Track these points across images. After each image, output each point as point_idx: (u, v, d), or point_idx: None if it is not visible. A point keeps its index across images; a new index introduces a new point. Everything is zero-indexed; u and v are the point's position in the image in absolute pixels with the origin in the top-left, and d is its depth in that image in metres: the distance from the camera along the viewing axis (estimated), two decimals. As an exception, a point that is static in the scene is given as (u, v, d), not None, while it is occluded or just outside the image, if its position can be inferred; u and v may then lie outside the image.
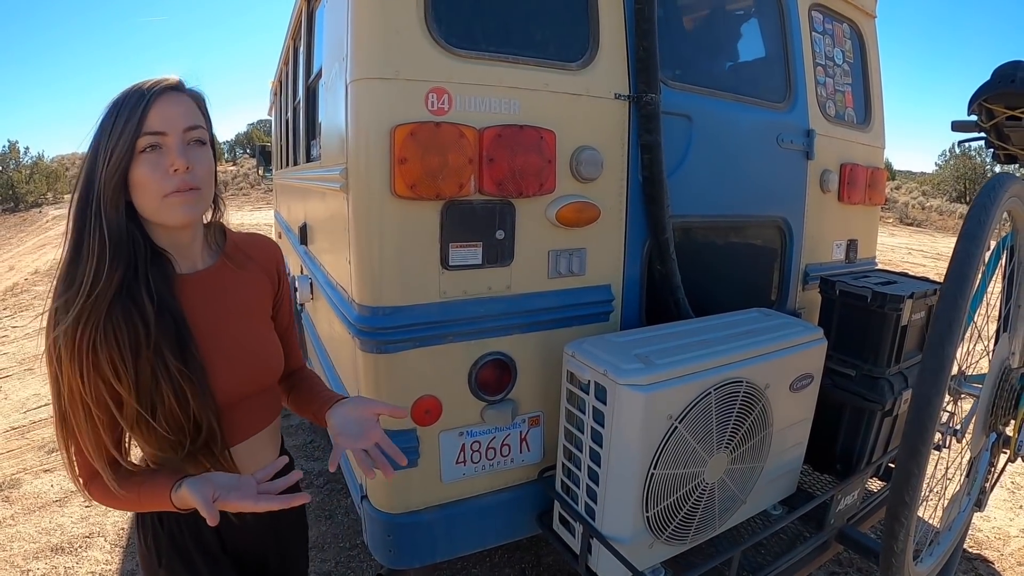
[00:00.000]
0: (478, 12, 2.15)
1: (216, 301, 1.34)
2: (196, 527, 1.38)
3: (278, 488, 1.18)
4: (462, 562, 3.14)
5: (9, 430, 5.12)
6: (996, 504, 3.88)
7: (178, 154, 1.18)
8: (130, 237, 1.20)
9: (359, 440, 1.33)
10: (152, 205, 1.19)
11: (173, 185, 1.18)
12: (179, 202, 1.19)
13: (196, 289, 1.31)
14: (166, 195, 1.18)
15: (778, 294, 3.09)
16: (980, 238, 1.72)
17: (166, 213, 1.20)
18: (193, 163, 1.20)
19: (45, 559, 3.33)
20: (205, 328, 1.28)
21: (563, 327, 2.29)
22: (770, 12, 2.97)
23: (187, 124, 1.20)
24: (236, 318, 1.37)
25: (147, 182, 1.17)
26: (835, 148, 3.19)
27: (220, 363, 1.29)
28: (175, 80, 1.23)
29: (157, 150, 1.18)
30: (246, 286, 1.41)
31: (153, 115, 1.16)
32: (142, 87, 1.18)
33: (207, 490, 1.12)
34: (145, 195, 1.19)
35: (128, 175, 1.17)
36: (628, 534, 1.94)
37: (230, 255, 1.41)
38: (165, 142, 1.18)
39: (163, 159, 1.17)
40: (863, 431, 2.59)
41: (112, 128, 1.15)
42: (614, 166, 2.32)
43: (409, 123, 1.90)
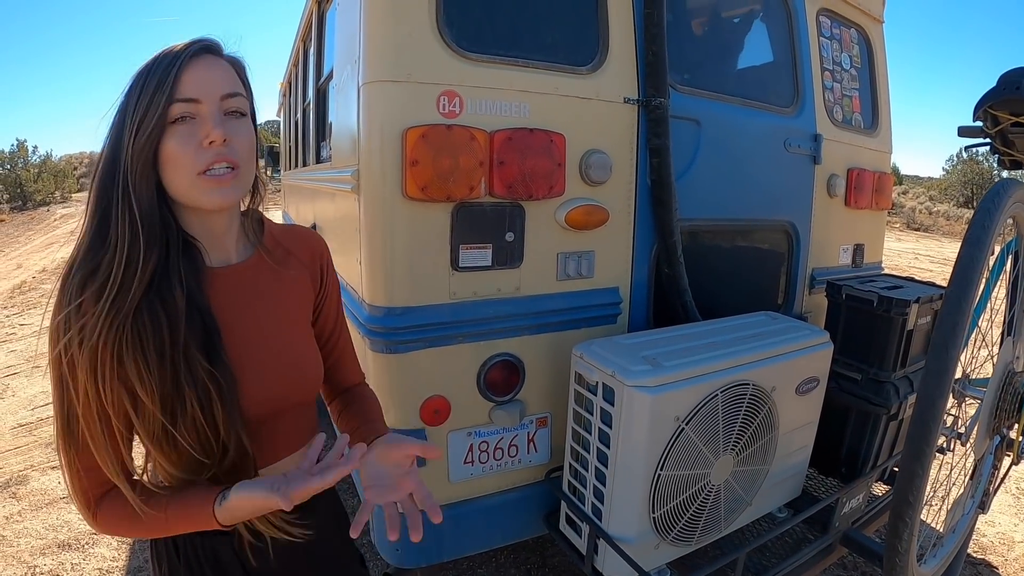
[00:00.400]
0: (489, 16, 2.16)
1: (248, 300, 1.16)
2: (215, 555, 1.19)
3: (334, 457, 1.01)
4: (468, 562, 3.15)
5: (17, 427, 5.14)
6: (1001, 510, 3.88)
7: (214, 124, 1.01)
8: (162, 221, 1.04)
9: (390, 493, 1.15)
10: (184, 184, 1.03)
11: (208, 160, 1.01)
12: (215, 184, 1.03)
13: (227, 285, 1.14)
14: (200, 172, 1.02)
15: (784, 298, 3.10)
16: (984, 243, 1.74)
17: (199, 194, 1.04)
18: (231, 135, 1.04)
19: (52, 555, 3.34)
20: (235, 330, 1.11)
21: (571, 329, 2.30)
22: (778, 17, 2.98)
23: (225, 91, 1.04)
24: (270, 321, 1.19)
25: (178, 156, 1.01)
26: (842, 153, 3.20)
27: (250, 372, 1.11)
28: (211, 41, 1.07)
29: (190, 121, 1.01)
30: (284, 285, 1.22)
31: (186, 80, 1.00)
32: (173, 49, 1.02)
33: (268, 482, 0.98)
34: (176, 172, 1.02)
35: (158, 149, 1.01)
36: (634, 535, 1.95)
37: (268, 249, 1.23)
38: (199, 111, 1.02)
39: (197, 130, 1.01)
40: (868, 435, 2.60)
41: (140, 95, 0.99)
42: (623, 169, 2.33)
43: (421, 125, 1.92)
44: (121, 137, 1.01)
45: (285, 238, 1.28)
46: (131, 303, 0.98)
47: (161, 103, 0.99)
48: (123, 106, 1.02)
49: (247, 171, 1.09)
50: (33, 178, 27.02)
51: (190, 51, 1.02)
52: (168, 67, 1.00)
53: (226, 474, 1.07)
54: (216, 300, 1.10)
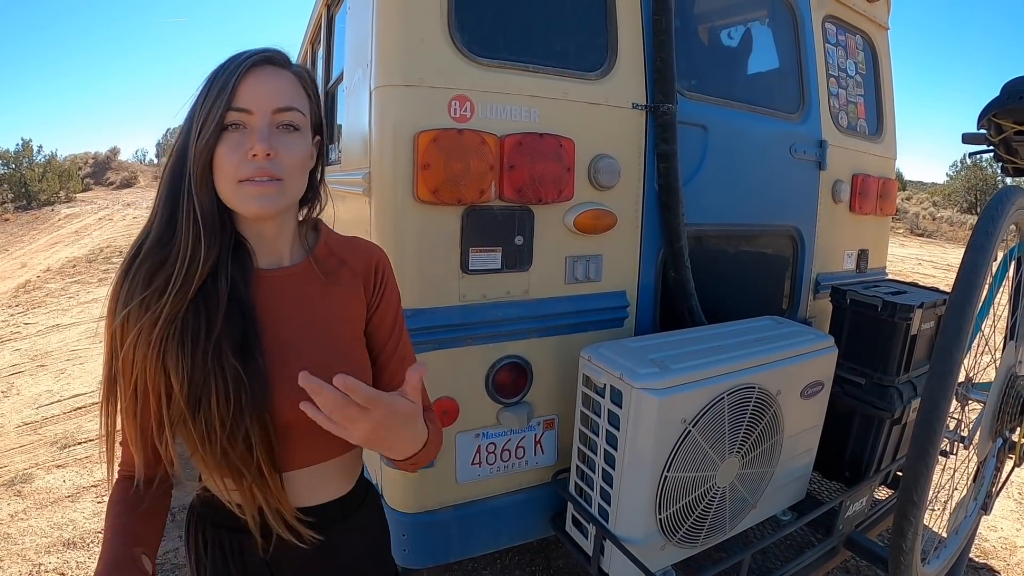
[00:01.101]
0: (500, 21, 2.18)
1: (292, 305, 1.17)
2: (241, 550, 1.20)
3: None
4: (473, 563, 3.17)
5: (21, 425, 5.16)
6: (1003, 514, 3.89)
7: (259, 138, 1.03)
8: (220, 222, 1.08)
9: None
10: (227, 190, 1.06)
11: (249, 171, 1.04)
12: (254, 192, 1.05)
13: (273, 288, 1.16)
14: (240, 181, 1.04)
15: (789, 302, 3.12)
16: (987, 249, 1.76)
17: (239, 201, 1.06)
18: (277, 150, 1.05)
19: (57, 553, 3.36)
20: (275, 333, 1.13)
21: (579, 332, 2.32)
22: (784, 24, 3.00)
23: (278, 104, 1.06)
24: (311, 328, 1.18)
25: (225, 163, 1.04)
26: (847, 159, 3.22)
27: (283, 375, 1.10)
28: (274, 52, 1.10)
29: (240, 129, 1.05)
30: (330, 294, 1.22)
31: (242, 89, 1.04)
32: (239, 57, 1.06)
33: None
34: (221, 178, 1.05)
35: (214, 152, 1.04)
36: (641, 536, 1.96)
37: (319, 258, 1.23)
38: (250, 121, 1.05)
39: (245, 140, 1.04)
40: (872, 439, 2.61)
41: (204, 99, 1.04)
42: (631, 174, 2.35)
43: (432, 129, 1.94)
44: (188, 138, 1.05)
45: (340, 248, 1.28)
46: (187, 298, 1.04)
47: (220, 109, 1.02)
48: (192, 107, 1.06)
49: (292, 184, 1.11)
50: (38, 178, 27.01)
51: (250, 61, 1.06)
52: (230, 74, 1.04)
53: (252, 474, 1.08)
54: (260, 301, 1.14)
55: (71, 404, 5.57)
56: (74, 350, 7.40)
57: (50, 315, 9.47)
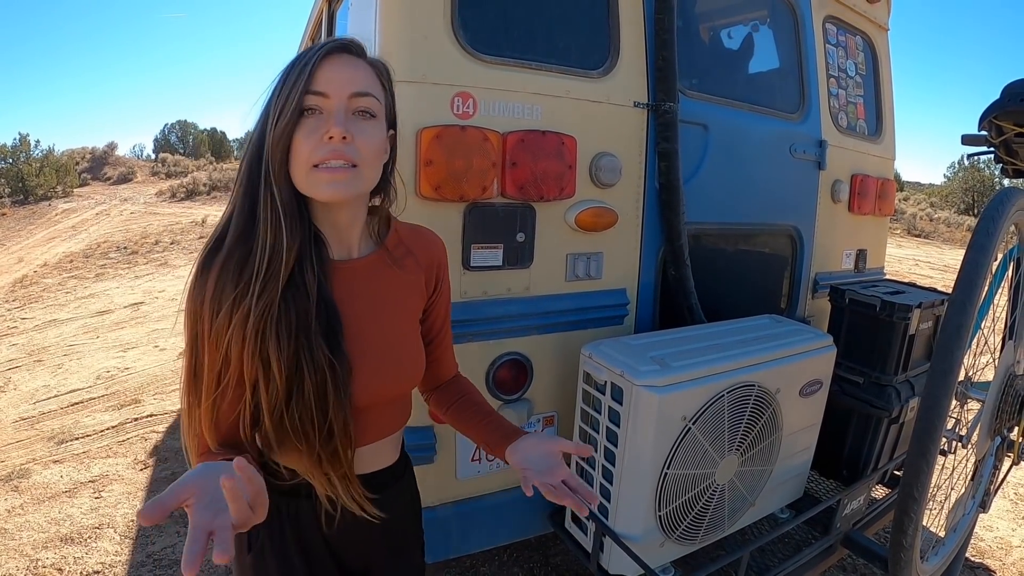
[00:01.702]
0: (503, 19, 2.19)
1: (365, 296, 1.22)
2: (296, 513, 1.26)
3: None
4: (471, 560, 3.17)
5: (18, 420, 5.15)
6: (999, 514, 3.90)
7: (335, 121, 1.04)
8: (299, 212, 1.10)
9: (546, 476, 1.22)
10: (300, 174, 1.07)
11: (324, 154, 1.05)
12: (327, 178, 1.06)
13: (347, 279, 1.19)
14: (315, 164, 1.05)
15: (788, 301, 3.13)
16: (988, 248, 1.78)
17: (313, 185, 1.07)
18: (353, 134, 1.06)
19: (54, 549, 3.35)
20: (351, 323, 1.16)
21: (579, 329, 2.33)
22: (785, 24, 3.01)
23: (355, 89, 1.07)
24: (382, 317, 1.24)
25: (301, 147, 1.05)
26: (846, 159, 3.23)
27: (360, 363, 1.16)
28: (350, 41, 1.12)
29: (316, 114, 1.06)
30: (400, 284, 1.28)
31: (319, 74, 1.05)
32: (316, 45, 1.08)
33: None
34: (297, 163, 1.06)
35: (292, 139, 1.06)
36: (640, 532, 1.97)
37: (390, 248, 1.27)
38: (326, 106, 1.06)
39: (321, 125, 1.05)
40: (870, 437, 2.63)
41: (283, 87, 1.05)
42: (632, 173, 2.36)
43: (435, 126, 1.94)
44: (265, 126, 1.06)
45: (409, 238, 1.33)
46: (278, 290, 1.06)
47: (298, 94, 1.04)
48: (269, 96, 1.08)
49: (368, 171, 1.12)
50: (35, 172, 26.90)
51: (327, 48, 1.07)
52: (307, 61, 1.05)
53: (328, 455, 1.13)
54: (337, 293, 1.17)
55: (68, 399, 5.56)
56: (71, 345, 7.39)
57: (47, 310, 9.46)
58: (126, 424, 5.01)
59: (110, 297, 10.28)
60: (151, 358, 6.80)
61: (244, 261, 1.06)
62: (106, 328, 8.19)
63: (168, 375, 6.20)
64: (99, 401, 5.52)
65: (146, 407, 5.37)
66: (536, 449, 1.27)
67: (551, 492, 1.20)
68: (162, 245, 15.52)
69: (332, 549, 1.31)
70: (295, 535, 1.26)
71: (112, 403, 5.47)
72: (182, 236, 16.68)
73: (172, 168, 34.38)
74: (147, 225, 18.58)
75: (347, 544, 1.32)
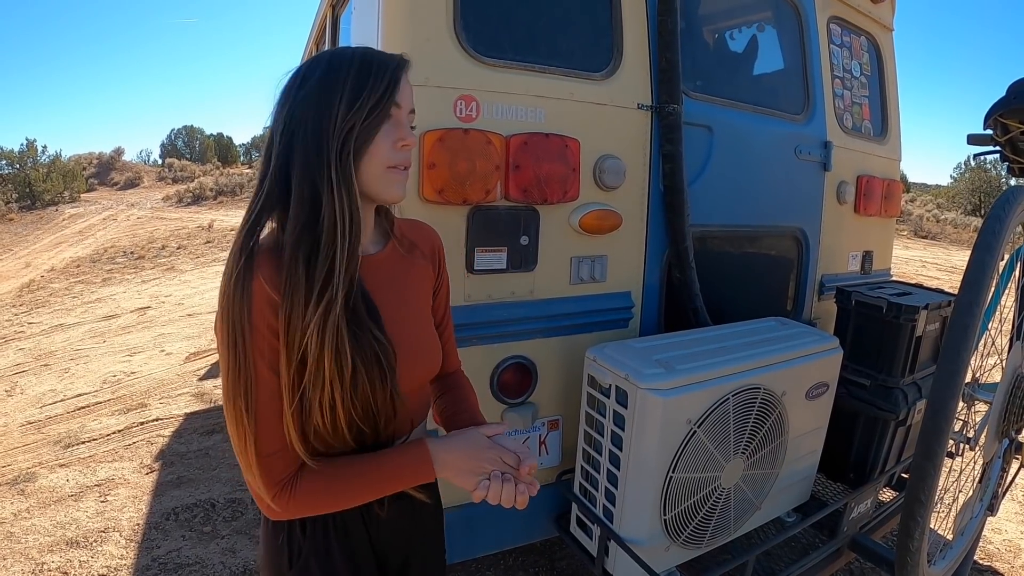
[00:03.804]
0: (506, 22, 2.19)
1: (389, 286, 1.28)
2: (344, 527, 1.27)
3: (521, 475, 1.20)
4: (476, 564, 3.17)
5: (25, 424, 5.17)
6: (1008, 517, 3.88)
7: (409, 132, 1.16)
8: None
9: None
10: (375, 174, 1.14)
11: (400, 159, 1.15)
12: (400, 178, 1.17)
13: (371, 271, 1.24)
14: (390, 166, 1.14)
15: (794, 304, 3.12)
16: (994, 248, 1.76)
17: (384, 185, 1.16)
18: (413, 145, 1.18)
19: (60, 552, 3.36)
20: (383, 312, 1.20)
21: (584, 332, 2.32)
22: (789, 25, 3.00)
23: (413, 104, 1.18)
24: (404, 306, 1.30)
25: (380, 150, 1.12)
26: (852, 160, 3.22)
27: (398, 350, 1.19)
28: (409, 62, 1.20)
29: (390, 120, 1.13)
30: (412, 274, 1.35)
31: (402, 87, 1.14)
32: (392, 58, 1.15)
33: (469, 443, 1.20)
34: (372, 162, 1.12)
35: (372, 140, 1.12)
36: (645, 537, 1.96)
37: (399, 240, 1.35)
38: (399, 116, 1.15)
39: (394, 131, 1.14)
40: (876, 440, 2.61)
41: (365, 90, 1.09)
42: (636, 175, 2.36)
43: (438, 129, 1.94)
44: (326, 124, 1.08)
45: (410, 232, 1.40)
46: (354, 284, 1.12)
47: (386, 101, 1.11)
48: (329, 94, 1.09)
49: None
50: (42, 178, 27.02)
51: (405, 64, 1.16)
52: (392, 72, 1.13)
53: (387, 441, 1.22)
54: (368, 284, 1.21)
55: (74, 404, 5.58)
56: (78, 350, 7.41)
57: (54, 315, 9.49)
58: (132, 428, 5.02)
59: (117, 302, 10.32)
60: (157, 362, 6.81)
61: (309, 257, 1.07)
62: (113, 333, 8.22)
63: (174, 379, 6.21)
64: (105, 405, 5.54)
65: (152, 411, 5.38)
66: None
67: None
68: (169, 250, 15.59)
69: (376, 551, 1.33)
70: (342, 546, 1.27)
71: (118, 407, 5.48)
72: (189, 241, 16.74)
73: (179, 173, 34.56)
74: (154, 230, 18.67)
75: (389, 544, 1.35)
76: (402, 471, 1.18)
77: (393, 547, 1.37)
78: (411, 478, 1.18)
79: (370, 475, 1.16)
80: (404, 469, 1.18)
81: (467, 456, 1.18)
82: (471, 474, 1.17)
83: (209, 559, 3.25)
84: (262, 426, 1.08)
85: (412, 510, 1.36)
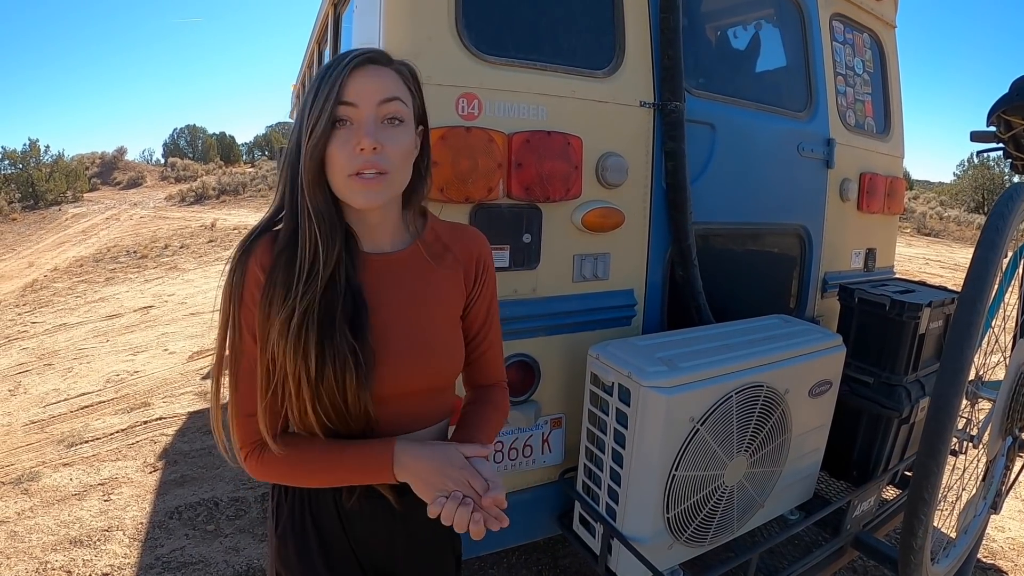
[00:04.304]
0: (507, 19, 2.19)
1: (396, 287, 1.26)
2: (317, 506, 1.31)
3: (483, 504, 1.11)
4: (479, 562, 3.17)
5: (29, 423, 5.18)
6: (1011, 515, 3.87)
7: (365, 132, 1.10)
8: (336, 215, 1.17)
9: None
10: (338, 183, 1.14)
11: (357, 165, 1.11)
12: (361, 187, 1.12)
13: (378, 270, 1.25)
14: (351, 175, 1.12)
15: (797, 301, 3.11)
16: (998, 245, 1.76)
17: (349, 194, 1.14)
18: (383, 143, 1.12)
19: (63, 551, 3.36)
20: (378, 312, 1.21)
21: (586, 330, 2.32)
22: (792, 22, 3.00)
23: (381, 97, 1.13)
24: (413, 309, 1.27)
25: (336, 158, 1.12)
26: (855, 157, 3.21)
27: (384, 352, 1.20)
28: (376, 52, 1.17)
29: (346, 125, 1.12)
30: (435, 277, 1.31)
31: (349, 85, 1.11)
32: (345, 57, 1.13)
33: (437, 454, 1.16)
34: (332, 172, 1.13)
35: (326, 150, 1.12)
36: (648, 535, 1.96)
37: (426, 242, 1.32)
38: (356, 116, 1.12)
39: (352, 136, 1.11)
40: (880, 438, 2.60)
41: (315, 100, 1.10)
42: (638, 173, 2.36)
43: (440, 127, 1.94)
44: (300, 136, 1.13)
45: (446, 235, 1.37)
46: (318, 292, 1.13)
47: (330, 106, 1.10)
48: (301, 109, 1.14)
49: (398, 175, 1.18)
50: (45, 178, 27.09)
51: (356, 60, 1.13)
52: (338, 73, 1.11)
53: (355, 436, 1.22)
54: (366, 282, 1.23)
55: (78, 403, 5.59)
56: (81, 349, 7.43)
57: (57, 314, 9.52)
58: (135, 427, 5.03)
59: (120, 301, 10.34)
60: (160, 361, 6.82)
61: (290, 263, 1.14)
62: (116, 332, 8.23)
63: (177, 378, 6.22)
64: (108, 404, 5.55)
65: (155, 410, 5.38)
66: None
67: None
68: (171, 249, 15.61)
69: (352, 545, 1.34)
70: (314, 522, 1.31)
71: (121, 406, 5.49)
72: (191, 240, 16.77)
73: (181, 172, 34.62)
74: (157, 229, 18.70)
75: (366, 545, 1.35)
76: (361, 464, 1.18)
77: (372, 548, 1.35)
78: (370, 473, 1.19)
79: (330, 459, 1.19)
80: (364, 463, 1.18)
81: (432, 468, 1.14)
82: (431, 487, 1.13)
83: (212, 558, 3.26)
84: (241, 389, 1.18)
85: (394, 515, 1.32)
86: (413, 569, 1.41)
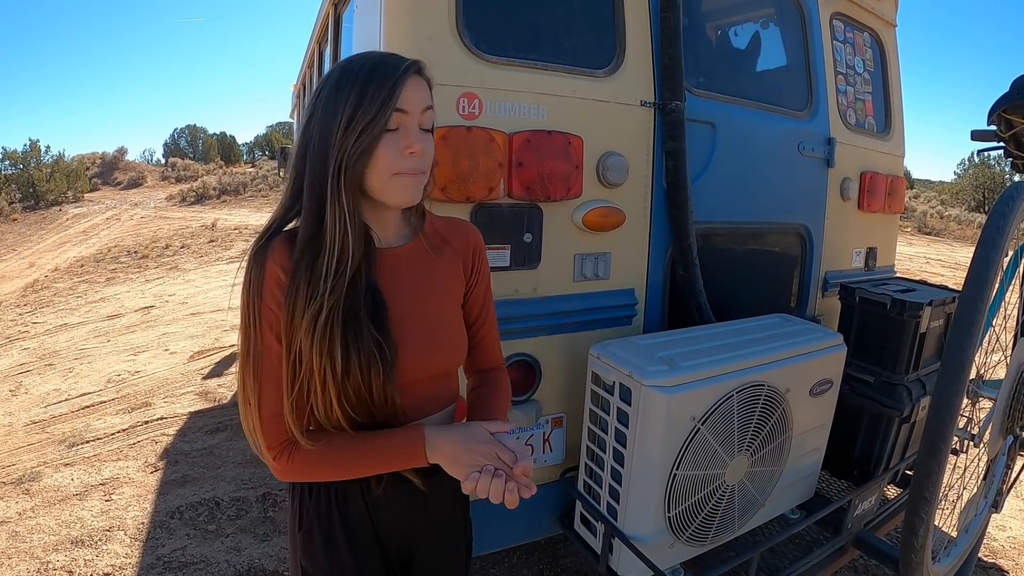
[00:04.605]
0: (508, 19, 2.19)
1: (406, 279, 1.32)
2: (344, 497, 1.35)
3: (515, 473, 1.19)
4: (480, 562, 3.17)
5: (30, 424, 5.18)
6: (1012, 514, 3.87)
7: (417, 138, 1.18)
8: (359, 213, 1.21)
9: None
10: (379, 182, 1.18)
11: (405, 167, 1.18)
12: (407, 184, 1.20)
13: (389, 264, 1.30)
14: (395, 173, 1.18)
15: (798, 300, 3.11)
16: (999, 244, 1.76)
17: (391, 192, 1.20)
18: (424, 148, 1.20)
19: (65, 551, 3.36)
20: (392, 306, 1.26)
21: (587, 330, 2.32)
22: (792, 21, 3.00)
23: (424, 106, 1.20)
24: (421, 300, 1.33)
25: (384, 159, 1.16)
26: (855, 156, 3.21)
27: (404, 341, 1.26)
28: (419, 63, 1.22)
29: (395, 130, 1.17)
30: (438, 269, 1.38)
31: (404, 93, 1.16)
32: (391, 63, 1.18)
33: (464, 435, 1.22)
34: (376, 171, 1.17)
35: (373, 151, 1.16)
36: (649, 534, 1.96)
37: (427, 236, 1.38)
38: (405, 122, 1.17)
39: (400, 139, 1.17)
40: (881, 437, 2.60)
41: (365, 101, 1.13)
42: (639, 172, 2.35)
43: (441, 127, 1.93)
44: (331, 134, 1.15)
45: (444, 228, 1.44)
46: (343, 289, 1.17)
47: (387, 111, 1.14)
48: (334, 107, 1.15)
49: (428, 178, 1.27)
50: (45, 178, 27.10)
51: (408, 70, 1.18)
52: (394, 81, 1.15)
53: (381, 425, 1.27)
54: (382, 277, 1.28)
55: (79, 403, 5.59)
56: (82, 349, 7.43)
57: (58, 314, 9.52)
58: (136, 427, 5.03)
59: (121, 301, 10.34)
60: (161, 361, 6.82)
61: (313, 262, 1.16)
62: (117, 332, 8.23)
63: (178, 378, 6.22)
64: (109, 404, 5.55)
65: (156, 410, 5.38)
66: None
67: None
68: (172, 249, 15.61)
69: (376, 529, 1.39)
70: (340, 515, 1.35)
71: (122, 406, 5.49)
72: (192, 240, 16.77)
73: (182, 172, 34.63)
74: (157, 229, 18.70)
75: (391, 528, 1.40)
76: (393, 451, 1.23)
77: (395, 531, 1.41)
78: (402, 459, 1.24)
79: (361, 449, 1.23)
80: (395, 449, 1.23)
81: (462, 447, 1.20)
82: (463, 465, 1.19)
83: (214, 557, 3.26)
84: (267, 389, 1.20)
85: (417, 499, 1.39)
86: (430, 548, 1.48)
